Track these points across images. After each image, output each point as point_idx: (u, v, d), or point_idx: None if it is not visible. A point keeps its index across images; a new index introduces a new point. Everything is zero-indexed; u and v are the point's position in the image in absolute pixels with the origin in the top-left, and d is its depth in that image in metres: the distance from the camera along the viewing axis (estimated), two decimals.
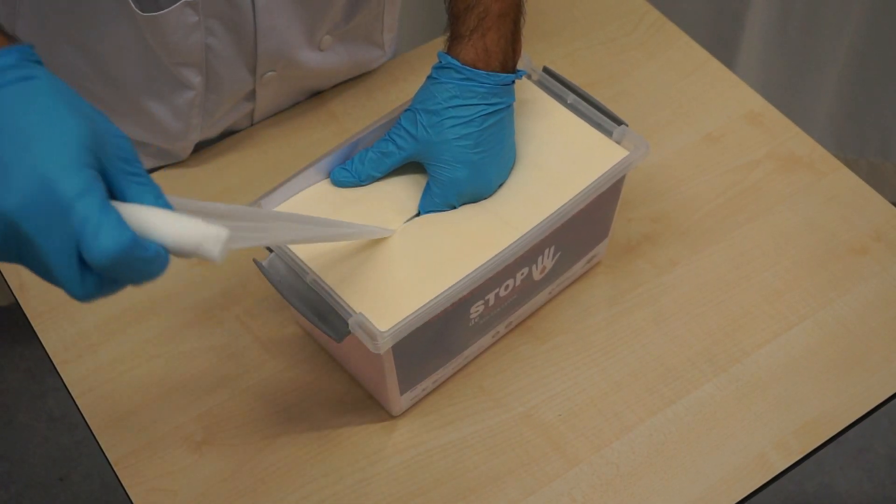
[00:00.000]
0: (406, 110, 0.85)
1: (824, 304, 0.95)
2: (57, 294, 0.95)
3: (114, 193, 0.57)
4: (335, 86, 1.10)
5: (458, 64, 0.82)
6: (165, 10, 0.86)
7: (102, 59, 0.92)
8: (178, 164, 1.04)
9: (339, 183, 0.86)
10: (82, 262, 0.54)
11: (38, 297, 0.95)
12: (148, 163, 1.04)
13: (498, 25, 0.83)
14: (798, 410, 0.89)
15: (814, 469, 1.72)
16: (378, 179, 0.87)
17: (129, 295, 0.95)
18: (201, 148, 1.06)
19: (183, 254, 0.56)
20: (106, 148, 0.57)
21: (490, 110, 0.83)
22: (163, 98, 0.97)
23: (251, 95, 1.02)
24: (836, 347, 0.93)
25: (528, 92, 0.91)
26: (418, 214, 0.86)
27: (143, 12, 0.86)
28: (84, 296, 0.55)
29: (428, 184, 0.86)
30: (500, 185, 0.87)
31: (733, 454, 0.87)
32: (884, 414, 1.52)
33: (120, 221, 0.54)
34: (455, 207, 0.85)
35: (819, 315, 0.95)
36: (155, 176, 1.03)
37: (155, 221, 0.55)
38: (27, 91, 0.56)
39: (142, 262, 0.54)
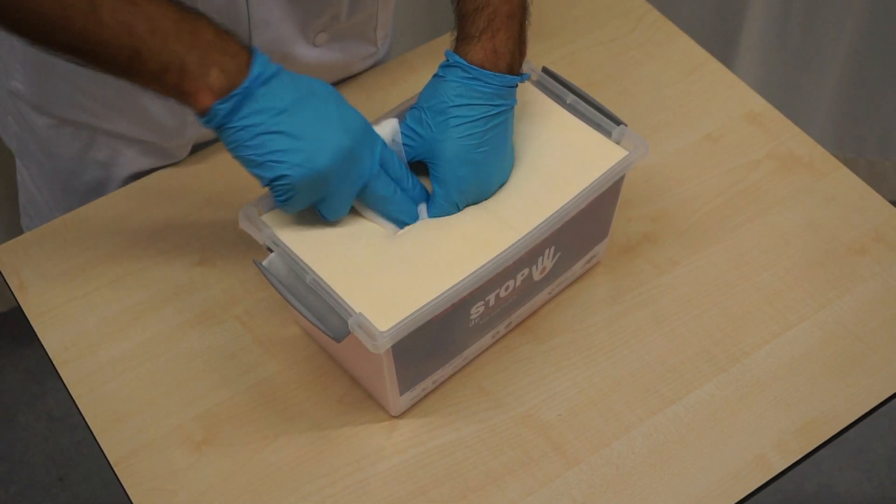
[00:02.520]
0: (412, 108, 0.85)
1: (824, 304, 0.95)
2: (57, 294, 0.95)
3: None
4: (334, 85, 1.10)
5: (466, 63, 0.83)
6: None
7: None
8: (177, 163, 1.04)
9: None
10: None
11: (38, 298, 0.95)
12: (146, 162, 1.04)
13: (507, 26, 0.83)
14: (798, 410, 0.89)
15: (813, 469, 1.72)
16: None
17: (129, 295, 0.95)
18: (200, 148, 1.06)
19: None
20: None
21: (494, 111, 0.83)
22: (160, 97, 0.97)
23: None
24: (836, 347, 0.93)
25: (527, 92, 0.91)
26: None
27: None
28: (342, 214, 0.82)
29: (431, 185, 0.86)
30: (501, 186, 0.87)
31: (733, 454, 0.87)
32: (883, 414, 1.52)
33: (386, 174, 0.82)
34: (458, 209, 0.85)
35: (819, 315, 0.95)
36: (154, 176, 1.03)
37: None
38: (293, 75, 0.78)
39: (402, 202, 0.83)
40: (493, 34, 0.83)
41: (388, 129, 0.85)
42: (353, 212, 0.85)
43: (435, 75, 0.85)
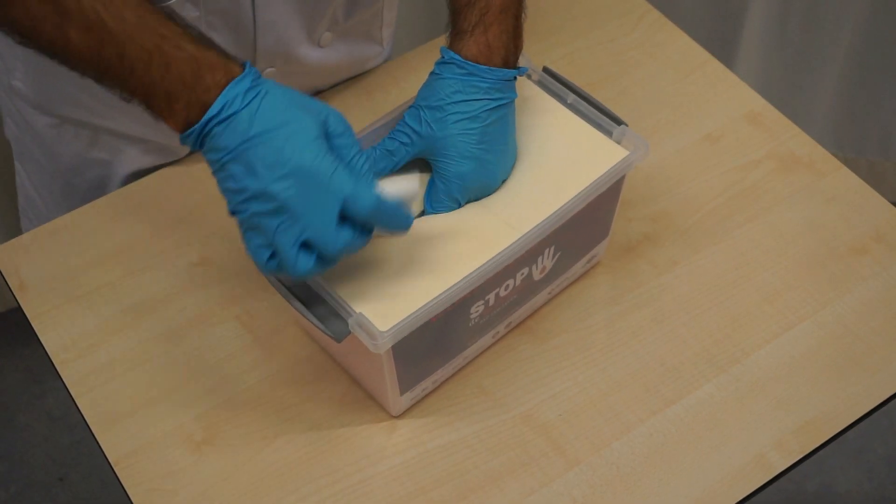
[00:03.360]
0: (410, 107, 0.85)
1: (824, 304, 0.95)
2: (57, 294, 0.95)
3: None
4: (335, 85, 1.10)
5: (461, 59, 0.83)
6: (165, 4, 0.86)
7: None
8: (179, 162, 1.04)
9: None
10: (338, 223, 0.73)
11: (38, 298, 0.95)
12: (148, 160, 1.04)
13: (500, 20, 0.83)
14: (798, 410, 0.89)
15: (813, 469, 1.72)
16: (384, 178, 0.87)
17: (129, 295, 0.95)
18: None
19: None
20: (329, 129, 0.75)
21: (493, 105, 0.83)
22: None
23: None
24: (836, 347, 0.93)
25: (528, 92, 0.91)
26: (422, 213, 0.86)
27: None
28: (339, 250, 0.74)
29: (432, 180, 0.86)
30: (503, 183, 0.87)
31: (733, 454, 0.87)
32: (884, 414, 1.52)
33: (370, 184, 0.74)
34: (461, 205, 0.85)
35: (819, 315, 0.95)
36: (154, 176, 1.03)
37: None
38: (267, 104, 0.73)
39: (391, 212, 0.75)
40: (486, 28, 0.83)
41: (404, 187, 0.80)
42: None
43: (431, 73, 0.85)
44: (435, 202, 0.85)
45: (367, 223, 0.75)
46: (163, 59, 0.72)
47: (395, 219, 0.76)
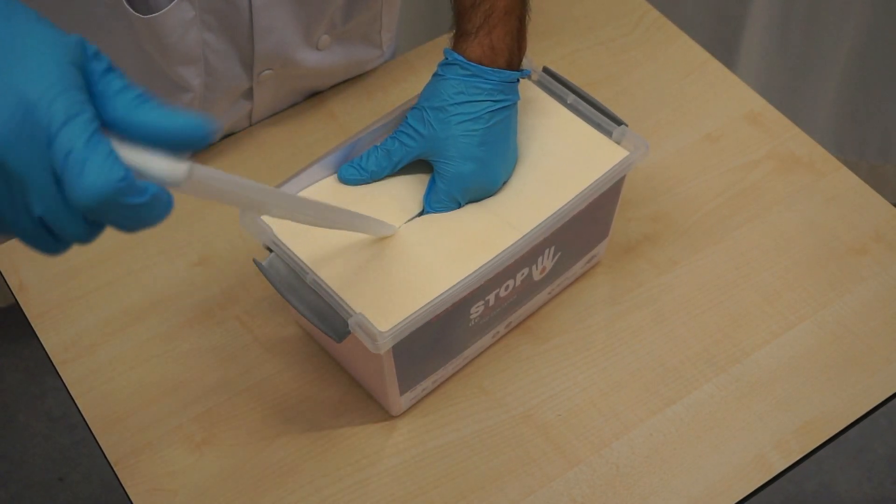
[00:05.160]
0: (413, 108, 0.86)
1: (824, 304, 0.95)
2: (57, 294, 0.95)
3: (99, 112, 0.48)
4: (334, 85, 1.10)
5: (464, 60, 0.83)
6: (163, 10, 0.86)
7: None
8: None
9: (346, 180, 0.86)
10: (66, 203, 0.46)
11: (37, 297, 0.95)
12: None
13: (504, 22, 0.83)
14: (798, 410, 0.89)
15: (813, 469, 1.72)
16: (385, 177, 0.87)
17: (129, 295, 0.95)
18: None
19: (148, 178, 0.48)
20: (85, 62, 0.49)
21: (496, 107, 0.83)
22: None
23: (249, 94, 1.02)
24: (836, 347, 0.93)
25: (528, 92, 0.91)
26: (422, 213, 0.86)
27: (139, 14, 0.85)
28: (52, 248, 0.49)
29: (433, 179, 0.86)
30: (505, 183, 0.87)
31: (733, 454, 0.87)
32: (883, 414, 1.53)
33: (111, 154, 0.46)
34: (460, 205, 0.86)
35: (819, 315, 0.95)
36: None
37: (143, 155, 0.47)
38: (3, 11, 0.49)
39: (135, 205, 0.48)
40: (490, 30, 0.83)
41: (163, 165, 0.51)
42: (356, 210, 0.85)
43: (435, 74, 0.85)
44: (435, 202, 0.86)
45: (87, 213, 0.49)
46: None
47: (137, 213, 0.50)
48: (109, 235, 1.01)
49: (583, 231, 0.90)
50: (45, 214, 0.47)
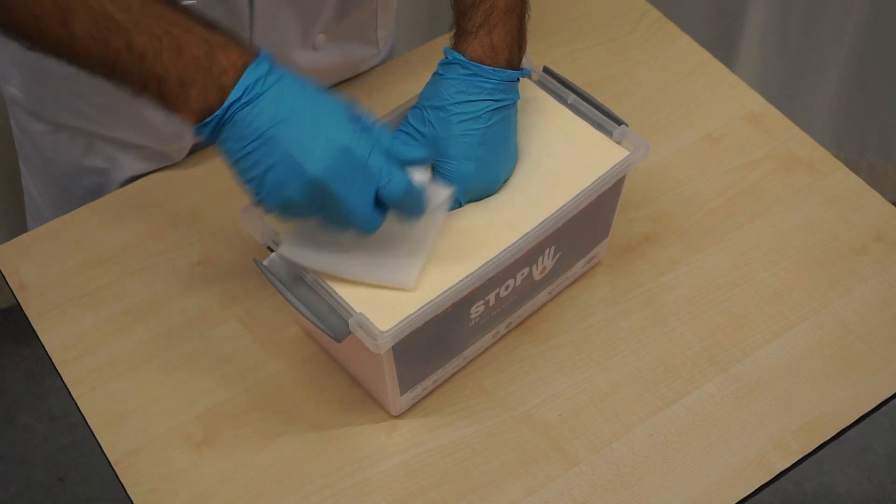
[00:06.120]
0: (413, 108, 0.85)
1: (824, 304, 0.95)
2: (57, 294, 0.95)
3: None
4: (334, 86, 1.10)
5: (465, 60, 0.83)
6: None
7: None
8: (176, 164, 1.04)
9: None
10: (374, 204, 0.74)
11: (38, 297, 0.95)
12: (144, 165, 1.03)
13: (505, 21, 0.83)
14: (798, 410, 0.89)
15: (813, 469, 1.72)
16: None
17: (129, 295, 0.95)
18: (200, 148, 1.05)
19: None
20: (356, 115, 0.75)
21: (496, 106, 0.83)
22: None
23: None
24: (836, 347, 0.93)
25: (528, 92, 0.91)
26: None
27: None
28: (374, 228, 0.75)
29: (433, 179, 0.86)
30: (505, 182, 0.87)
31: (733, 454, 0.87)
32: (884, 414, 1.52)
33: (402, 169, 0.74)
34: (461, 205, 0.85)
35: (819, 315, 0.95)
36: (154, 177, 1.03)
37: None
38: (290, 86, 0.72)
39: (418, 197, 0.76)
40: (491, 29, 0.83)
41: (421, 173, 0.79)
42: None
43: (435, 73, 0.85)
44: None
45: (395, 206, 0.75)
46: (173, 43, 0.70)
47: (419, 205, 0.76)
48: (110, 236, 1.01)
49: (583, 231, 0.90)
50: (358, 215, 0.74)
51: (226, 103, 0.71)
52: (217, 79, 0.71)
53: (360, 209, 0.73)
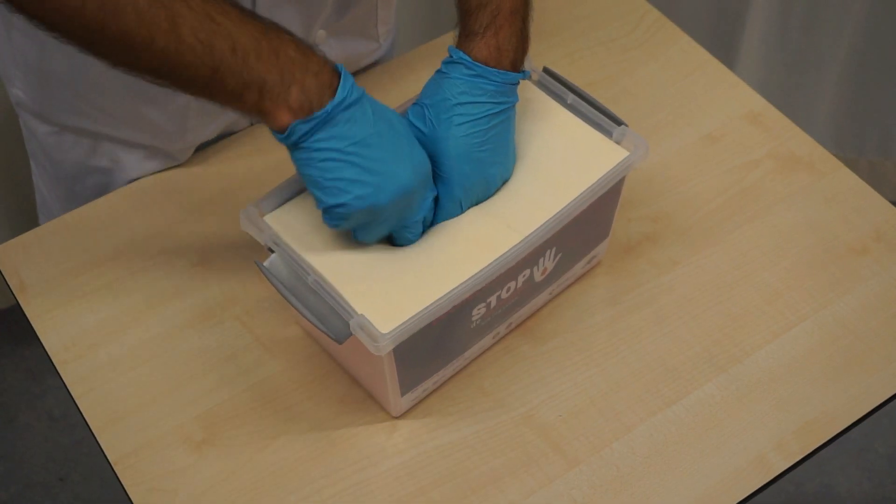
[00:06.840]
0: (413, 104, 0.85)
1: (824, 304, 0.95)
2: (57, 294, 0.95)
3: None
4: None
5: (470, 60, 0.82)
6: None
7: (95, 69, 0.92)
8: (176, 165, 1.04)
9: None
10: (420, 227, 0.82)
11: (38, 298, 0.95)
12: (149, 166, 1.04)
13: (510, 22, 0.83)
14: (798, 410, 0.89)
15: (814, 469, 1.72)
16: None
17: (129, 295, 0.95)
18: (201, 148, 1.05)
19: None
20: None
21: (498, 109, 0.83)
22: (157, 102, 0.97)
23: None
24: (836, 347, 0.93)
25: (528, 92, 0.91)
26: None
27: None
28: (415, 240, 0.83)
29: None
30: (503, 184, 0.87)
31: (733, 454, 0.87)
32: (884, 414, 1.52)
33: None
34: (463, 209, 0.85)
35: (819, 315, 0.95)
36: (155, 177, 1.03)
37: None
38: (370, 98, 0.78)
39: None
40: (497, 31, 0.83)
41: None
42: None
43: (438, 71, 0.85)
44: (439, 213, 0.85)
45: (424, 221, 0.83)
46: (271, 45, 0.73)
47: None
48: (110, 236, 1.01)
49: (583, 232, 0.90)
50: (406, 228, 0.81)
51: (334, 100, 0.74)
52: (316, 77, 0.74)
53: (384, 233, 0.81)
